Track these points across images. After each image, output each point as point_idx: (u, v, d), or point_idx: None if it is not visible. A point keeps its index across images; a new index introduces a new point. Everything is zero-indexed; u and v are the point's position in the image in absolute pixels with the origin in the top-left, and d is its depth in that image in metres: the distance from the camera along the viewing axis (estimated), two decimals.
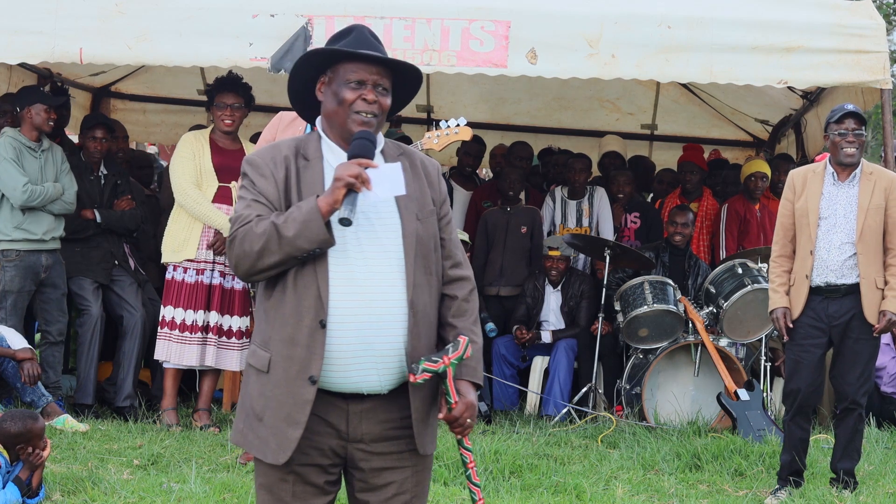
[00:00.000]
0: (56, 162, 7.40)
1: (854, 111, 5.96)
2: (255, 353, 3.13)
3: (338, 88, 3.12)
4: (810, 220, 5.96)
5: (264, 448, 3.08)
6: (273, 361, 3.06)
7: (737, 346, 8.13)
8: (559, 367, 8.18)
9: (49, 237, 7.29)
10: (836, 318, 5.95)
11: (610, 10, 7.01)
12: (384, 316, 3.06)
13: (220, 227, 7.09)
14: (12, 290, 7.19)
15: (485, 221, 8.87)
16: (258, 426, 3.09)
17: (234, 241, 3.06)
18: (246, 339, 7.28)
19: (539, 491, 5.83)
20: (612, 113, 10.61)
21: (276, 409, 3.06)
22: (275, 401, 3.06)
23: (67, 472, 5.69)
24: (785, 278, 6.06)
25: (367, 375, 3.07)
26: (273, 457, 3.06)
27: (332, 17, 6.91)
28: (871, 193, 5.93)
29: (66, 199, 7.35)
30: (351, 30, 3.20)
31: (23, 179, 7.14)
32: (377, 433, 3.13)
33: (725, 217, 9.04)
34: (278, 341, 3.06)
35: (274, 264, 3.02)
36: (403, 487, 3.17)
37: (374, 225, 3.09)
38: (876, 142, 23.56)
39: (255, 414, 3.10)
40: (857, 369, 5.95)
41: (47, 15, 6.99)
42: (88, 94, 10.16)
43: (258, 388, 3.10)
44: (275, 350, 3.06)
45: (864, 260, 5.90)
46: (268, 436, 3.07)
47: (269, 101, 9.16)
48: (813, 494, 5.90)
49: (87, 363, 7.54)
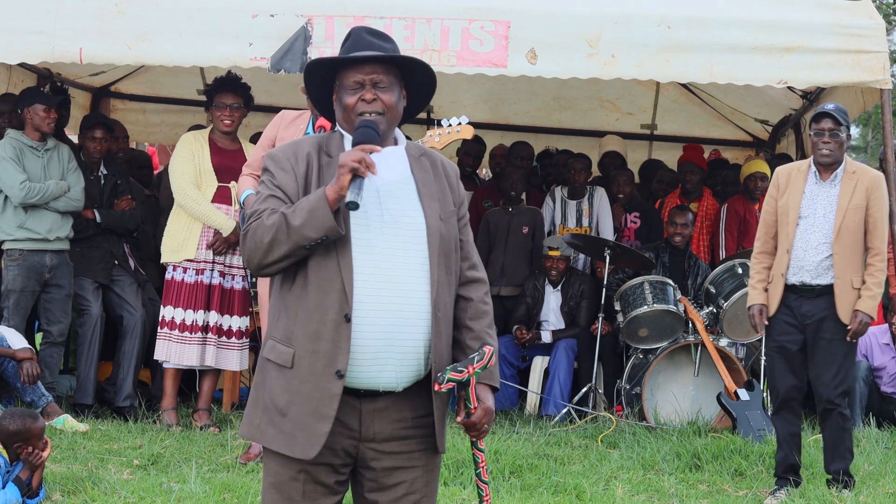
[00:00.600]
0: (62, 161, 7.41)
1: (831, 111, 5.98)
2: (273, 348, 3.11)
3: (341, 95, 3.17)
4: (790, 218, 6.00)
5: (290, 442, 3.06)
6: (298, 356, 3.06)
7: (737, 346, 8.13)
8: (559, 367, 8.18)
9: (53, 237, 7.29)
10: (808, 318, 5.98)
11: (610, 10, 7.01)
12: (409, 313, 3.08)
13: (219, 227, 7.09)
14: (15, 289, 7.20)
15: (487, 221, 8.88)
16: (281, 421, 3.07)
17: (247, 235, 3.07)
18: (246, 339, 7.29)
19: (539, 491, 5.83)
20: (612, 113, 10.61)
21: (302, 404, 3.05)
22: (301, 395, 3.05)
23: (67, 472, 5.69)
24: (764, 275, 6.11)
25: (385, 372, 3.08)
26: (301, 451, 3.05)
27: (331, 17, 6.91)
28: (852, 193, 5.95)
29: (72, 195, 7.36)
30: (349, 35, 3.24)
31: (21, 177, 7.15)
32: (389, 432, 3.13)
33: (725, 217, 9.05)
34: (302, 336, 3.05)
35: (283, 255, 3.02)
36: (414, 487, 3.17)
37: (399, 222, 3.11)
38: (876, 142, 23.56)
39: (276, 409, 3.08)
40: (832, 370, 5.94)
41: (47, 15, 6.98)
42: (88, 94, 10.16)
43: (281, 383, 3.08)
44: (299, 345, 3.06)
45: (840, 260, 5.91)
46: (294, 430, 3.05)
47: (269, 101, 9.17)
48: (813, 494, 5.90)
49: (87, 363, 7.54)
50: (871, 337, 8.14)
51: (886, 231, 6.04)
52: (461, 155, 9.68)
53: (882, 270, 5.94)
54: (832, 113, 5.97)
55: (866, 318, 5.89)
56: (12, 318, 7.17)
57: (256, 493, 5.42)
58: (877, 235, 5.95)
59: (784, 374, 6.05)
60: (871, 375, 8.05)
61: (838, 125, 5.94)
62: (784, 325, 6.03)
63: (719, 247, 9.09)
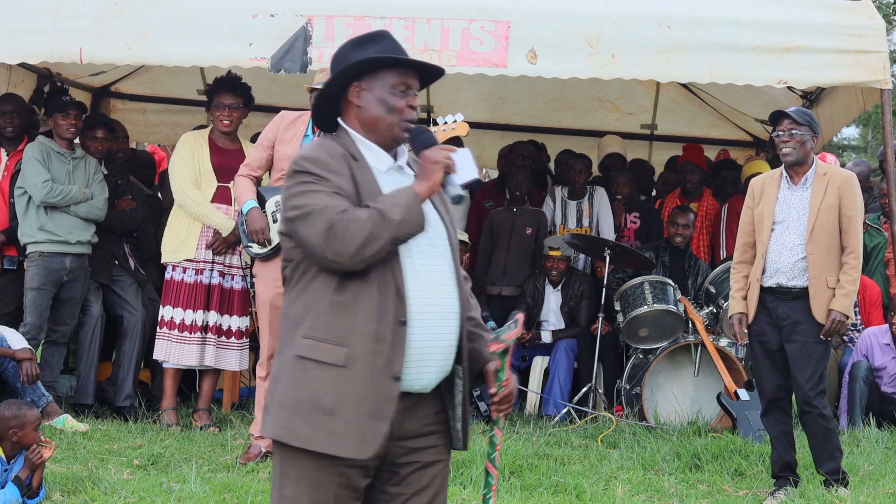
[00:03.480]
0: (88, 171, 7.50)
1: (789, 111, 6.06)
2: (318, 347, 3.07)
3: (384, 95, 3.18)
4: (765, 224, 6.07)
5: (339, 442, 3.05)
6: (355, 356, 3.05)
7: (737, 347, 8.12)
8: (559, 367, 8.18)
9: (74, 240, 7.34)
10: (784, 320, 6.01)
11: (610, 10, 7.01)
12: (445, 314, 3.16)
13: (219, 227, 7.09)
14: (32, 286, 7.28)
15: (490, 221, 8.89)
16: (328, 421, 3.05)
17: (334, 230, 3.02)
18: (246, 339, 7.29)
19: (539, 491, 5.83)
20: (612, 113, 10.61)
21: (358, 404, 3.05)
22: (356, 395, 3.05)
23: (67, 472, 5.69)
24: (743, 283, 6.17)
25: (425, 374, 3.14)
26: (353, 451, 3.05)
27: (331, 17, 6.91)
28: (824, 193, 5.99)
29: (95, 204, 7.45)
30: (382, 35, 3.27)
31: (45, 176, 7.25)
32: (416, 429, 3.18)
33: (725, 217, 9.05)
34: (361, 336, 3.06)
35: (379, 251, 3.03)
36: (434, 481, 3.23)
37: (427, 227, 3.15)
38: (876, 142, 23.56)
39: (321, 408, 3.05)
40: (808, 371, 5.95)
41: (47, 15, 6.98)
42: (88, 94, 10.15)
43: (327, 381, 3.05)
44: (357, 345, 3.05)
45: (815, 261, 5.94)
46: (347, 430, 3.04)
47: (269, 101, 9.16)
48: (813, 494, 5.90)
49: (88, 363, 7.55)
50: (871, 337, 8.15)
51: (861, 229, 6.07)
52: None
53: (856, 269, 5.97)
54: (790, 113, 6.05)
55: (840, 317, 5.92)
56: (29, 315, 7.23)
57: (256, 492, 5.42)
58: (851, 234, 5.99)
59: (770, 374, 6.09)
60: (871, 375, 8.05)
61: (797, 125, 5.99)
62: (764, 326, 6.07)
63: (719, 247, 9.09)
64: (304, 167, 3.12)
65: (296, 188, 3.11)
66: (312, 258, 3.09)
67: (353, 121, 3.23)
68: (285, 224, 3.15)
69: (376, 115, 3.19)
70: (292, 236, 3.13)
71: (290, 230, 3.12)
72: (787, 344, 6.00)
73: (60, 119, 7.38)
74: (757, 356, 6.15)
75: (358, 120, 3.22)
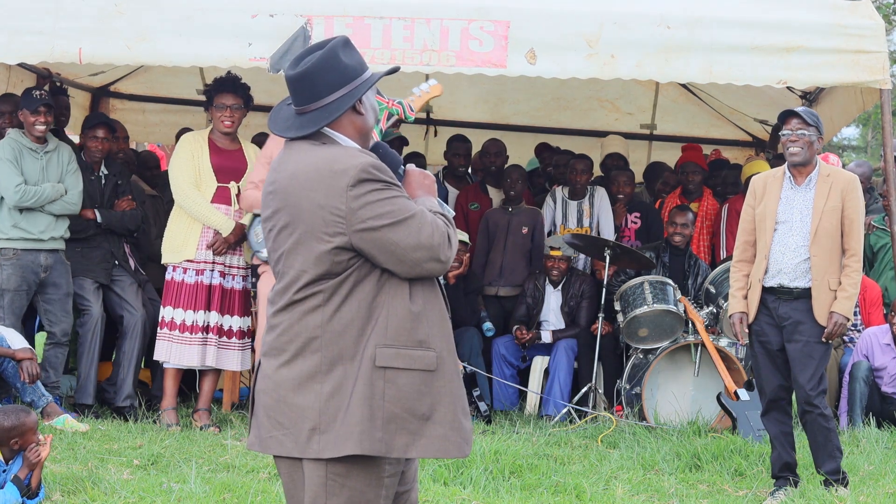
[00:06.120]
0: (62, 162, 7.40)
1: (799, 111, 6.04)
2: (408, 354, 3.06)
3: (373, 103, 3.27)
4: (767, 224, 6.05)
5: (444, 445, 3.08)
6: (443, 359, 3.11)
7: (737, 347, 8.12)
8: (559, 367, 8.18)
9: (48, 236, 7.29)
10: (785, 320, 6.00)
11: (609, 10, 7.01)
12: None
13: (219, 228, 7.09)
14: (9, 288, 7.20)
15: (486, 221, 8.89)
16: (426, 426, 3.07)
17: (447, 234, 3.11)
18: (247, 339, 7.29)
19: (539, 491, 5.83)
20: (612, 113, 10.61)
21: (450, 405, 3.10)
22: (449, 396, 3.10)
23: (67, 472, 5.69)
24: (743, 282, 6.16)
25: None
26: (458, 450, 3.10)
27: (331, 17, 6.91)
28: (828, 195, 5.98)
29: (69, 199, 7.35)
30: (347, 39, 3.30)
31: (17, 179, 7.15)
32: None
33: (725, 217, 9.04)
34: (441, 338, 3.13)
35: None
36: (415, 475, 3.31)
37: None
38: (876, 142, 23.57)
39: (417, 416, 3.05)
40: (809, 371, 5.95)
41: (46, 15, 6.98)
42: (88, 94, 10.16)
43: (418, 388, 3.06)
44: (441, 347, 3.11)
45: (818, 262, 5.94)
46: (446, 432, 3.08)
47: (268, 101, 9.13)
48: (813, 495, 5.90)
49: (88, 363, 7.53)
50: (871, 337, 8.14)
51: (862, 232, 6.07)
52: (450, 157, 9.65)
53: (857, 271, 5.97)
54: (800, 112, 6.03)
55: (841, 320, 5.92)
56: (7, 317, 7.16)
57: (256, 492, 5.42)
58: (852, 237, 5.98)
59: (770, 374, 6.08)
60: (871, 375, 8.04)
61: (806, 125, 5.97)
62: (765, 326, 6.07)
63: (719, 247, 9.08)
64: (373, 175, 3.06)
65: (371, 196, 3.03)
66: (400, 265, 3.04)
67: (347, 129, 3.19)
68: (356, 235, 3.03)
69: (370, 123, 3.24)
70: (359, 248, 3.04)
71: (371, 239, 3.03)
72: (789, 344, 6.00)
73: (30, 116, 7.25)
74: (757, 356, 6.14)
75: (355, 128, 3.21)
